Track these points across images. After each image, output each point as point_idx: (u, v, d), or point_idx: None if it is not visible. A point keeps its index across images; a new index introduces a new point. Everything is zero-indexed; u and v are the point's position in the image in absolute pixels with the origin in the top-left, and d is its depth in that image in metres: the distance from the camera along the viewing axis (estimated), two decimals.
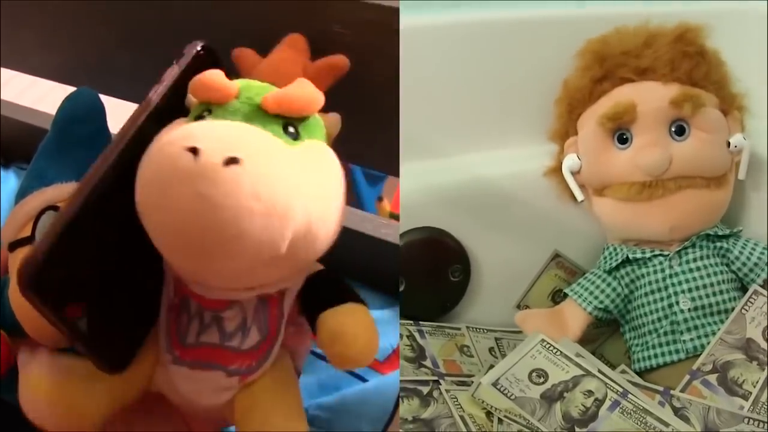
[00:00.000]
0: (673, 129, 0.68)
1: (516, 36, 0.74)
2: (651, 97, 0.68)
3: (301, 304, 0.59)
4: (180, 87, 0.54)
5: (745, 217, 0.72)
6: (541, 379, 0.62)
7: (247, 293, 0.55)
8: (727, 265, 0.68)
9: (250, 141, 0.48)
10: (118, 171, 0.50)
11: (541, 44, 0.74)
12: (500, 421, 0.62)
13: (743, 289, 0.68)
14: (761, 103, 0.71)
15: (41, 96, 0.66)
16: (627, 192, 0.68)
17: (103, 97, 0.68)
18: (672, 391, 0.63)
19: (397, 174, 0.70)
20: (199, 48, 0.56)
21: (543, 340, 0.64)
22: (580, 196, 0.71)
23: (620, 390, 0.61)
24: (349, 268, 0.61)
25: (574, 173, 0.71)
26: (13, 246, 0.61)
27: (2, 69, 0.90)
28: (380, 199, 1.42)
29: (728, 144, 0.69)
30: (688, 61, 0.69)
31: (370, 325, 0.56)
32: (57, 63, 0.86)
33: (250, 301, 0.56)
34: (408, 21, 0.66)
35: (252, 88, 0.53)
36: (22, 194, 0.64)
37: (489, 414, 0.63)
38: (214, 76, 0.52)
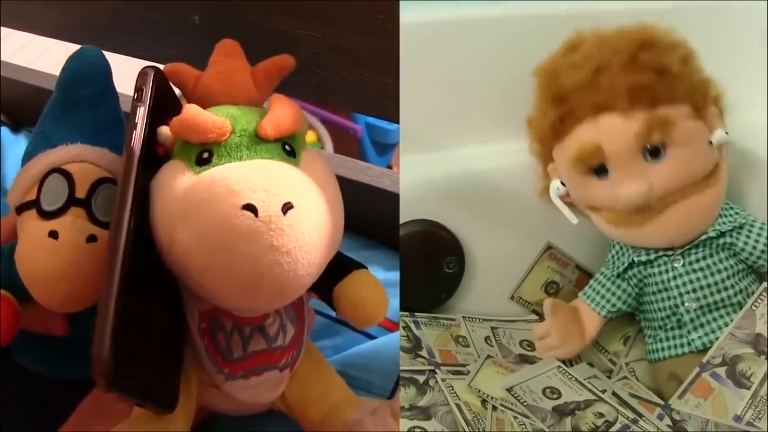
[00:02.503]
0: (648, 153, 0.63)
1: (511, 33, 0.73)
2: (615, 134, 0.62)
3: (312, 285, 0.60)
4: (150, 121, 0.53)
5: (746, 194, 0.71)
6: (555, 395, 0.62)
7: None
8: (734, 255, 0.66)
9: (286, 179, 0.50)
10: (133, 229, 0.49)
11: (536, 41, 0.71)
12: (494, 408, 0.62)
13: (756, 273, 0.67)
14: (762, 101, 0.71)
15: (51, 57, 0.62)
16: (616, 219, 0.65)
17: (113, 55, 0.64)
18: (672, 405, 0.63)
19: (396, 120, 0.70)
20: (152, 75, 0.54)
21: (559, 366, 0.64)
22: (574, 220, 0.68)
23: (631, 417, 0.61)
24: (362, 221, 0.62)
25: (563, 197, 0.68)
26: (20, 210, 0.58)
27: (14, 32, 0.87)
28: (389, 167, 1.39)
29: (711, 142, 0.65)
30: (646, 89, 0.62)
31: (378, 284, 0.59)
32: (64, 21, 0.82)
33: None
34: (407, 18, 0.64)
35: (239, 119, 0.52)
36: (27, 157, 0.61)
37: (484, 402, 0.63)
38: (203, 115, 0.51)
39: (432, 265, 0.72)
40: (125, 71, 0.68)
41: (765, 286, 0.63)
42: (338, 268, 0.58)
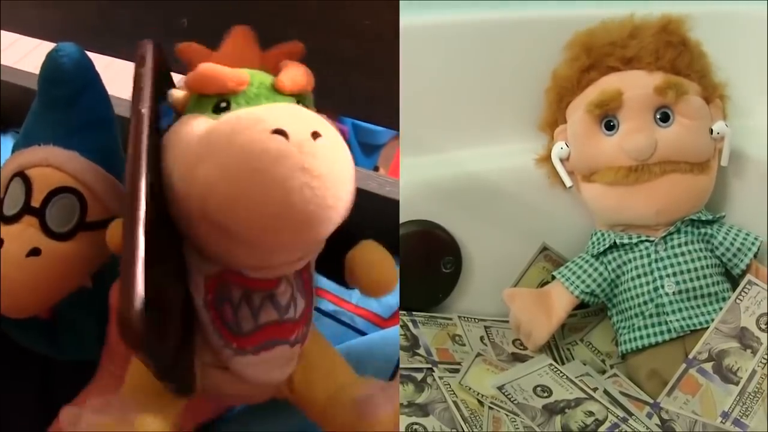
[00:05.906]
0: (657, 116, 0.66)
1: (509, 36, 0.72)
2: (636, 84, 0.67)
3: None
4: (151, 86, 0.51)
5: (727, 206, 0.71)
6: (545, 394, 0.61)
7: (296, 266, 0.54)
8: (711, 250, 0.67)
9: (309, 116, 0.48)
10: (149, 196, 0.46)
11: (534, 45, 0.72)
12: (491, 407, 0.61)
13: (727, 274, 0.67)
14: (760, 105, 0.70)
15: (37, 57, 0.60)
16: (614, 176, 0.66)
17: (104, 57, 0.62)
18: (661, 403, 0.61)
19: (396, 128, 0.69)
20: (152, 44, 0.53)
21: (551, 364, 0.63)
22: (568, 182, 0.70)
23: (621, 415, 0.59)
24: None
25: (563, 160, 0.70)
26: None
27: (2, 33, 0.85)
28: (376, 168, 1.38)
29: (711, 131, 0.67)
30: (671, 51, 0.68)
31: (388, 253, 0.57)
32: (55, 22, 0.80)
33: (292, 273, 0.55)
34: (407, 21, 0.64)
35: (255, 74, 0.51)
36: (11, 153, 0.60)
37: (480, 400, 0.61)
38: (220, 68, 0.50)
39: (430, 265, 0.71)
40: (111, 72, 0.66)
41: (748, 279, 0.62)
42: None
